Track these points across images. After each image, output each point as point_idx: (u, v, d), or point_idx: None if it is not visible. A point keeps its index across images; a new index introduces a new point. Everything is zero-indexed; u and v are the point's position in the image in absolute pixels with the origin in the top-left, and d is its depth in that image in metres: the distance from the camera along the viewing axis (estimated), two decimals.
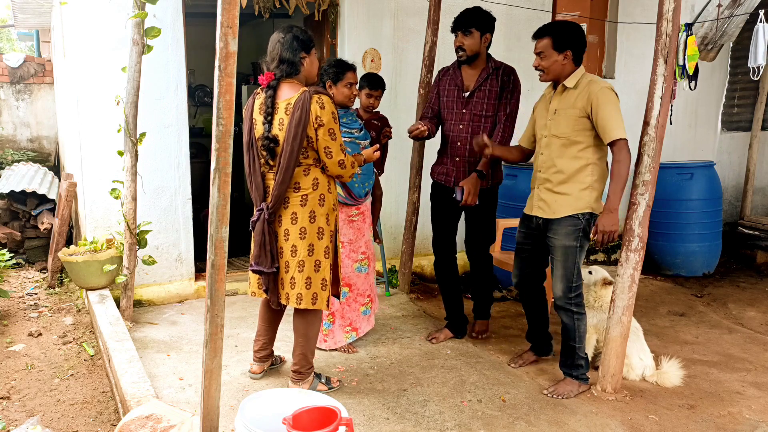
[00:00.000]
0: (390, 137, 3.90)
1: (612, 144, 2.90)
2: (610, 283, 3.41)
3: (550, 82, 3.17)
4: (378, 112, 3.88)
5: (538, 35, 3.08)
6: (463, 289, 4.90)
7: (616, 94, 2.95)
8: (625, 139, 2.88)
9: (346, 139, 3.33)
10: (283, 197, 2.79)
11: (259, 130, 2.80)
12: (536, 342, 3.53)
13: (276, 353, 3.32)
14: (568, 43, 2.99)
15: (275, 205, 2.78)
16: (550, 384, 3.20)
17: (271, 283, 2.86)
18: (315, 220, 2.81)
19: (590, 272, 3.51)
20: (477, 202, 3.53)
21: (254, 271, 2.86)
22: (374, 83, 3.75)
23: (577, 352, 3.11)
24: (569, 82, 3.02)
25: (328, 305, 2.91)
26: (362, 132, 3.51)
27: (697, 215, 5.44)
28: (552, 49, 3.00)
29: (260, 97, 2.83)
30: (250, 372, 3.19)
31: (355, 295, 3.61)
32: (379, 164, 3.94)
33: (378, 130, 3.81)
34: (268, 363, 3.23)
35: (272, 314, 3.14)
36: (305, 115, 2.68)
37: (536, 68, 3.12)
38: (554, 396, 3.07)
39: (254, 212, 2.85)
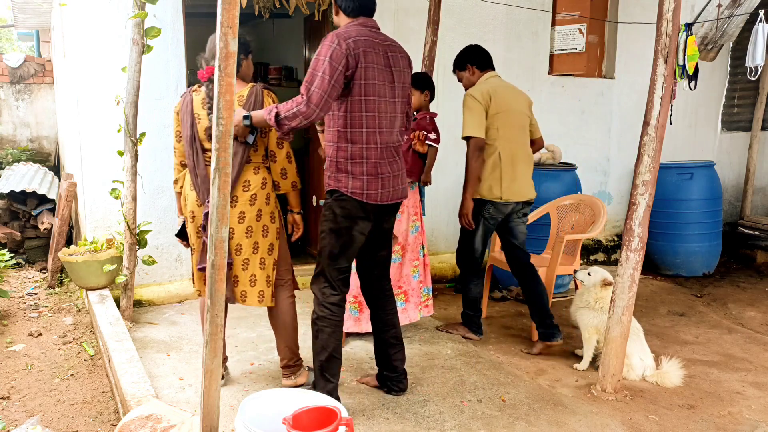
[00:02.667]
0: (422, 142, 3.54)
1: (464, 139, 3.56)
2: (610, 284, 3.41)
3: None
4: (428, 112, 3.70)
5: (454, 71, 3.81)
6: (461, 288, 4.91)
7: (475, 98, 3.52)
8: (473, 137, 3.50)
9: None
10: (232, 195, 2.80)
11: (204, 123, 2.83)
12: (542, 326, 3.63)
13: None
14: (466, 60, 3.71)
15: None
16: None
17: None
18: (261, 219, 2.86)
19: (589, 273, 3.50)
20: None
21: (200, 269, 2.85)
22: None
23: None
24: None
25: (273, 300, 2.96)
26: None
27: (697, 215, 5.44)
28: (459, 71, 3.75)
29: (200, 93, 2.87)
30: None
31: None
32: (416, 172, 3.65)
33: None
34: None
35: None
36: (260, 106, 2.75)
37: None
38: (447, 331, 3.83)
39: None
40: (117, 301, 3.97)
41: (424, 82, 3.66)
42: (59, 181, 6.09)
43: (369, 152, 2.65)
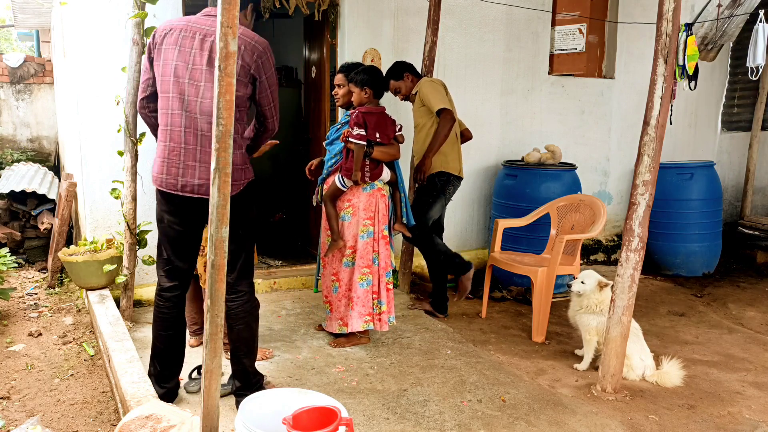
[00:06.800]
0: (345, 139, 3.46)
1: (438, 113, 3.93)
2: (607, 285, 3.41)
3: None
4: (362, 107, 3.48)
5: (386, 85, 4.02)
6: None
7: (434, 81, 4.04)
8: (445, 108, 3.89)
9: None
10: None
11: None
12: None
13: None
14: (402, 70, 4.15)
15: None
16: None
17: None
18: None
19: (583, 282, 3.47)
20: None
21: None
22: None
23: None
24: (414, 91, 4.15)
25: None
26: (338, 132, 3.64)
27: (697, 215, 5.44)
28: (396, 81, 4.16)
29: None
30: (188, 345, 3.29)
31: (344, 290, 3.59)
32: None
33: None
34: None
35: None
36: None
37: (403, 99, 4.25)
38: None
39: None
40: (117, 301, 3.96)
41: (364, 79, 3.46)
42: (59, 181, 6.09)
43: (165, 134, 2.56)
